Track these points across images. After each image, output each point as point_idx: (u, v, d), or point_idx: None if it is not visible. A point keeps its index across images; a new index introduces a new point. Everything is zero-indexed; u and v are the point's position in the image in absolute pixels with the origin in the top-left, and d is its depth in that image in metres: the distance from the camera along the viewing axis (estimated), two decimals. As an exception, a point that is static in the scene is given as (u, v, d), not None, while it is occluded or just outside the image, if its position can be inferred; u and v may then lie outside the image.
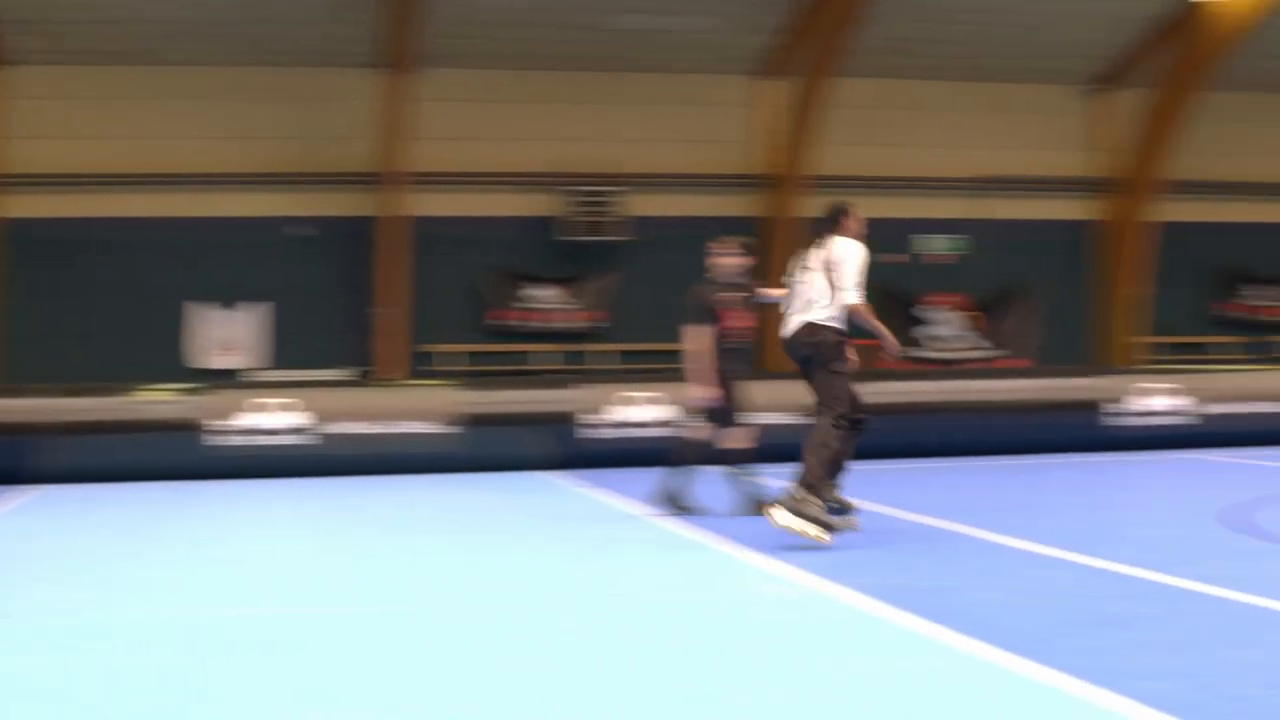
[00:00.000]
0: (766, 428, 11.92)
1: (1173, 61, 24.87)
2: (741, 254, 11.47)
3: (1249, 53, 24.57)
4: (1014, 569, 8.29)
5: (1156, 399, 16.88)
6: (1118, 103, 26.31)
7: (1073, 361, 24.92)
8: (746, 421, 11.07)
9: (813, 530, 8.98)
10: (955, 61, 24.85)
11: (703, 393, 10.92)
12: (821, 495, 9.27)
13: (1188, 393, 16.85)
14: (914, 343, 24.86)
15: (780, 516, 9.07)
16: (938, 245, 25.56)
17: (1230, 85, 25.62)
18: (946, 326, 25.10)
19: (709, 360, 10.90)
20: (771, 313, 12.26)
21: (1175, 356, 25.18)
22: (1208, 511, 10.65)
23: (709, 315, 11.04)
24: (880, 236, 26.30)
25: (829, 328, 9.82)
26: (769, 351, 19.64)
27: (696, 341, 10.98)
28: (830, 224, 10.22)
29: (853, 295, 9.74)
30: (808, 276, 9.98)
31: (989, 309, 25.19)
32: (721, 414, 11.00)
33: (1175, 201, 26.35)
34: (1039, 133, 26.23)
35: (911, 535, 9.87)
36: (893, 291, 23.96)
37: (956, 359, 24.71)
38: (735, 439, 11.01)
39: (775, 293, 11.61)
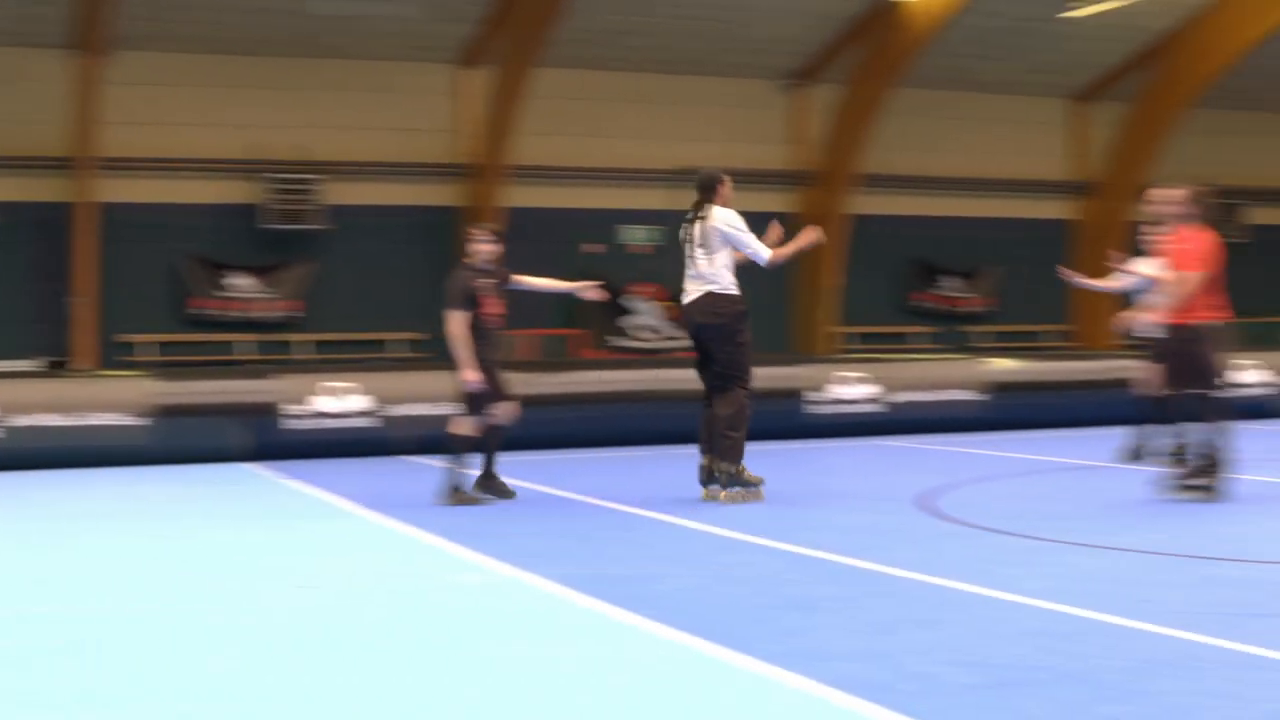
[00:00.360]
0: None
1: (866, 58, 25.63)
2: (496, 240, 11.50)
3: (938, 51, 25.45)
4: (712, 555, 8.40)
5: (850, 387, 17.31)
6: (815, 98, 26.99)
7: (778, 351, 25.49)
8: (506, 406, 11.17)
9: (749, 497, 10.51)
10: (657, 54, 25.14)
11: (467, 377, 10.91)
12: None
13: (877, 381, 17.31)
14: (620, 332, 25.09)
15: (728, 497, 10.57)
16: (637, 236, 25.81)
17: (920, 82, 26.51)
18: (648, 316, 25.36)
19: (469, 346, 10.92)
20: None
21: (872, 346, 25.97)
22: (899, 496, 10.96)
23: (469, 301, 11.06)
24: (583, 227, 26.65)
25: (727, 297, 10.87)
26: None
27: (456, 327, 10.97)
28: (707, 193, 10.99)
29: (763, 249, 10.94)
30: (696, 250, 10.81)
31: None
32: (481, 399, 11.03)
33: (870, 195, 27.17)
34: (740, 126, 26.73)
35: (612, 523, 9.93)
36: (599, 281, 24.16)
37: (656, 349, 25.01)
38: (465, 427, 11.04)
39: (535, 281, 11.88)
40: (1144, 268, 13.05)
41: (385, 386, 15.82)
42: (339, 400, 15.50)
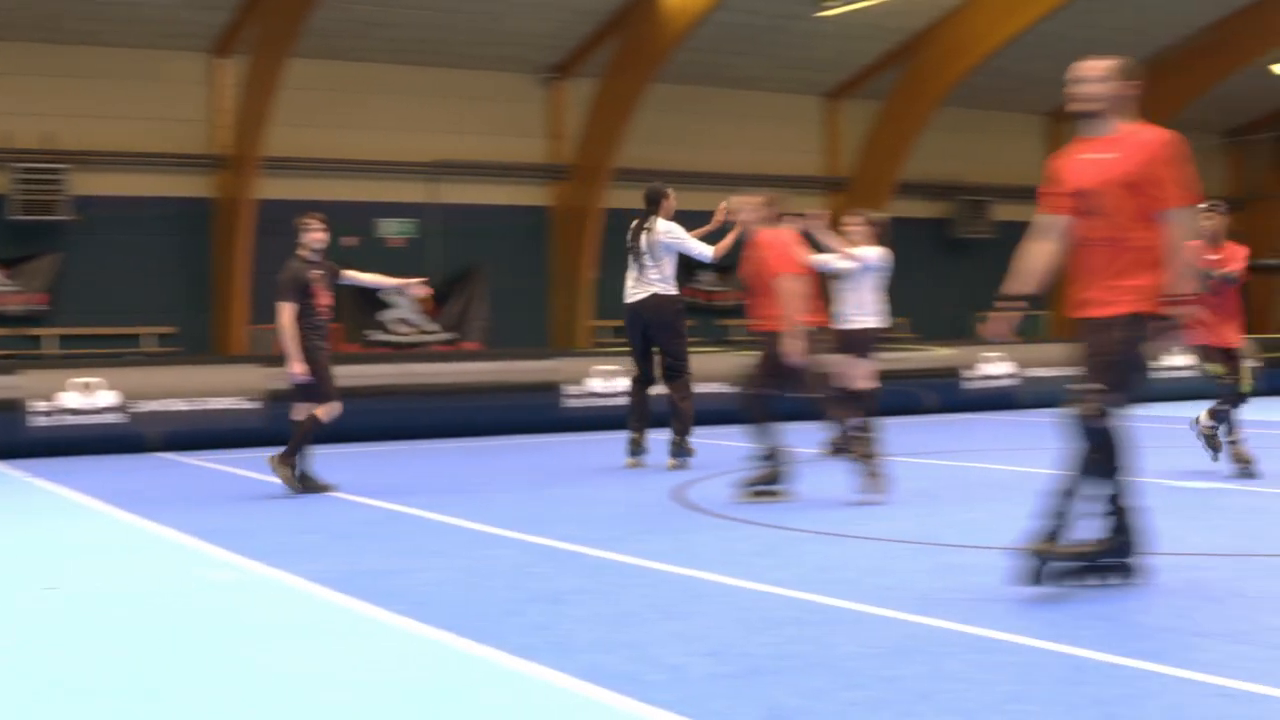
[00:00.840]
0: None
1: (623, 53, 25.73)
2: (326, 229, 11.41)
3: (694, 47, 25.66)
4: (464, 549, 8.35)
5: (608, 381, 17.38)
6: (572, 92, 27.02)
7: (538, 344, 25.49)
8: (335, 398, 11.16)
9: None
10: (413, 46, 24.88)
11: (295, 369, 10.91)
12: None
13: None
14: (378, 326, 24.83)
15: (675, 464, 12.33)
16: (394, 229, 25.57)
17: (677, 78, 26.71)
18: (405, 310, 25.14)
19: (297, 338, 10.89)
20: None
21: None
22: (654, 488, 11.03)
23: (301, 292, 11.00)
24: (339, 219, 26.20)
25: (670, 297, 12.76)
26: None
27: (286, 319, 10.92)
28: (652, 206, 13.06)
29: (705, 249, 12.84)
30: (645, 259, 12.66)
31: (442, 293, 25.29)
32: (311, 390, 11.01)
33: (627, 188, 27.29)
34: (498, 119, 26.62)
35: (365, 518, 9.81)
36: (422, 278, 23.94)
37: (413, 343, 24.82)
38: (327, 413, 11.08)
39: (363, 277, 11.96)
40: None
41: (134, 382, 15.43)
42: (87, 396, 15.07)
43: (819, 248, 12.85)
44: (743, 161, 29.06)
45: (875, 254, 12.87)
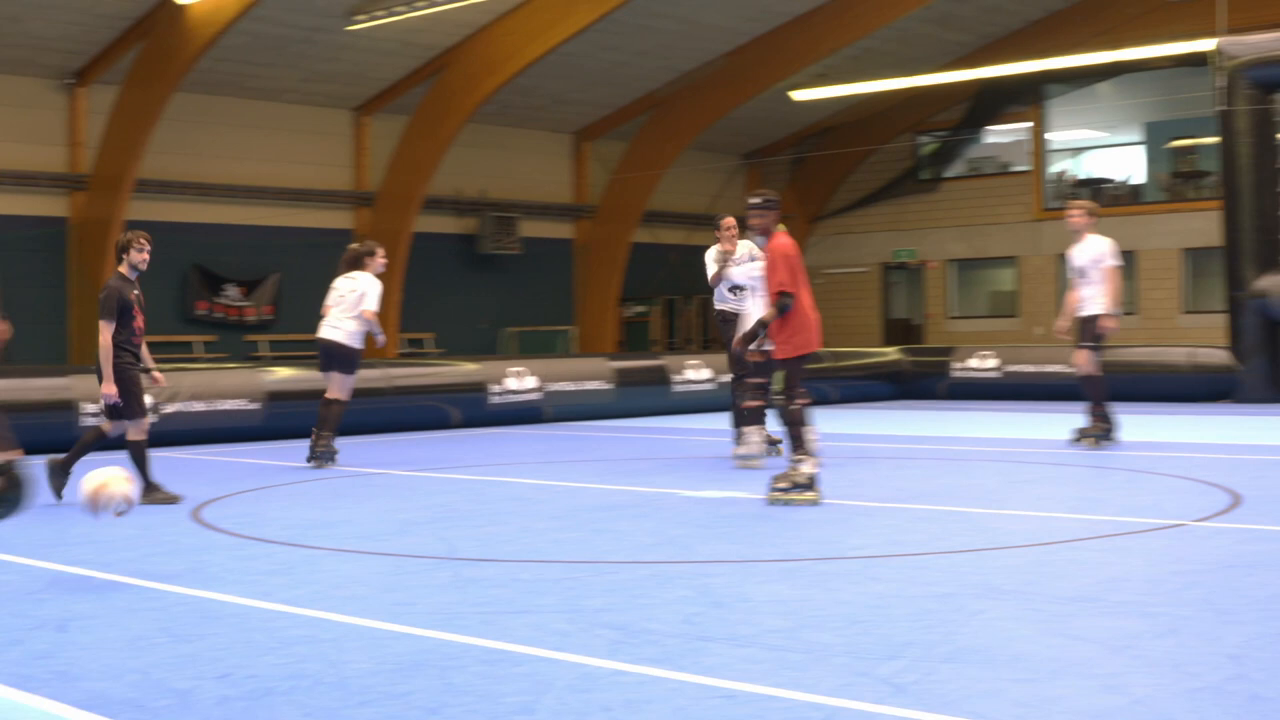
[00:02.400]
0: None
1: (146, 60, 24.96)
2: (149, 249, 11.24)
3: (222, 56, 25.15)
4: (-38, 576, 7.88)
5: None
6: (93, 99, 26.06)
7: (57, 360, 24.43)
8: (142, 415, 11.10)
9: None
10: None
11: (108, 390, 10.84)
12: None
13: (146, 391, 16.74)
14: None
15: None
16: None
17: (203, 87, 26.12)
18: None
19: (111, 359, 10.83)
20: None
21: (157, 356, 25.15)
22: (171, 508, 10.69)
23: (124, 312, 10.91)
24: None
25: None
26: None
27: (106, 338, 10.83)
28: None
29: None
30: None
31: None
32: (124, 409, 10.97)
33: (149, 200, 26.49)
34: (19, 126, 25.46)
35: None
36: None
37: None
38: (141, 431, 11.06)
39: None
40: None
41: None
42: None
43: None
44: (270, 174, 28.68)
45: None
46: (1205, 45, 23.04)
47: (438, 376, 19.50)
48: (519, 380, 19.59)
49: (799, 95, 31.37)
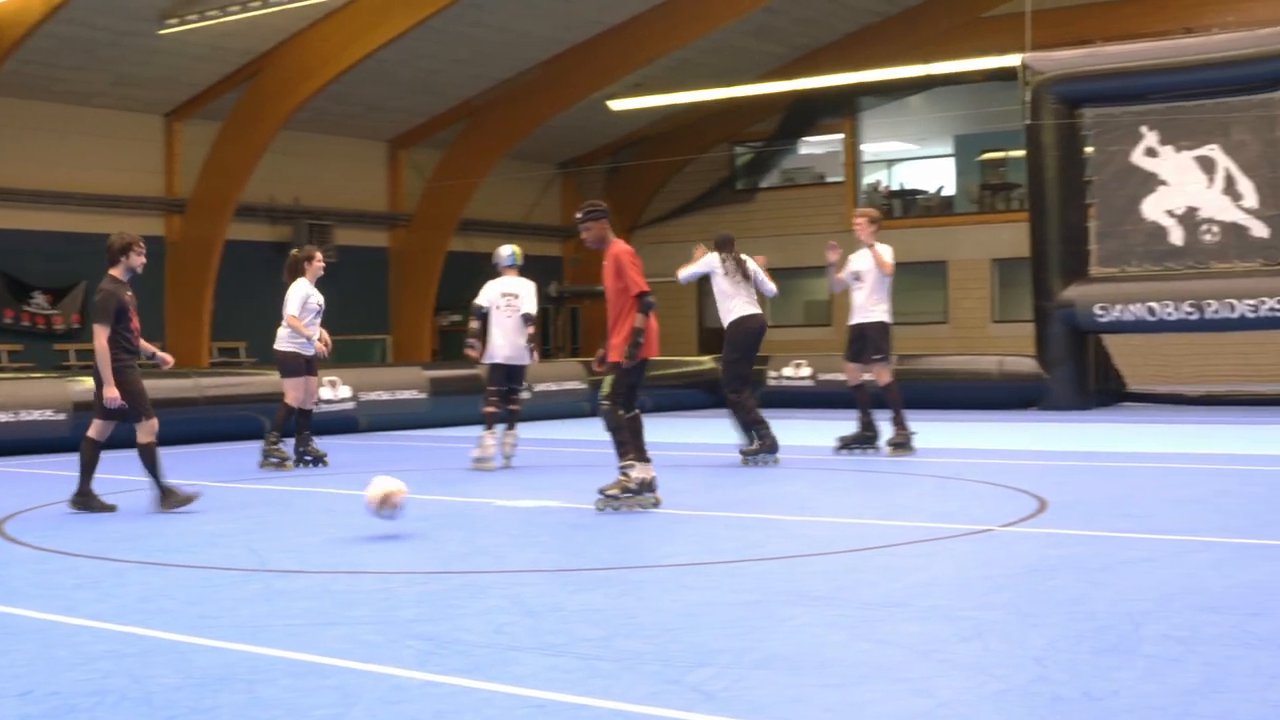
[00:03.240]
0: None
1: (-54, 62, 24.29)
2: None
3: (28, 59, 24.55)
4: None
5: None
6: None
7: None
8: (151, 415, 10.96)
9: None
10: None
11: (110, 395, 10.72)
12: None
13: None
14: None
15: None
16: None
17: (6, 91, 25.47)
18: None
19: (110, 363, 10.71)
20: None
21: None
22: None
23: (120, 315, 10.81)
24: None
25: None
26: None
27: (104, 342, 10.72)
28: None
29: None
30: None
31: None
32: (129, 412, 10.89)
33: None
34: None
35: None
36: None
37: None
38: (149, 432, 10.88)
39: None
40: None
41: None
42: None
43: None
44: (78, 180, 28.08)
45: None
46: (1014, 60, 23.59)
47: (250, 386, 19.22)
48: (333, 390, 19.39)
49: (616, 105, 31.51)
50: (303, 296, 14.54)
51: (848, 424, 15.76)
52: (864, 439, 15.08)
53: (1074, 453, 14.73)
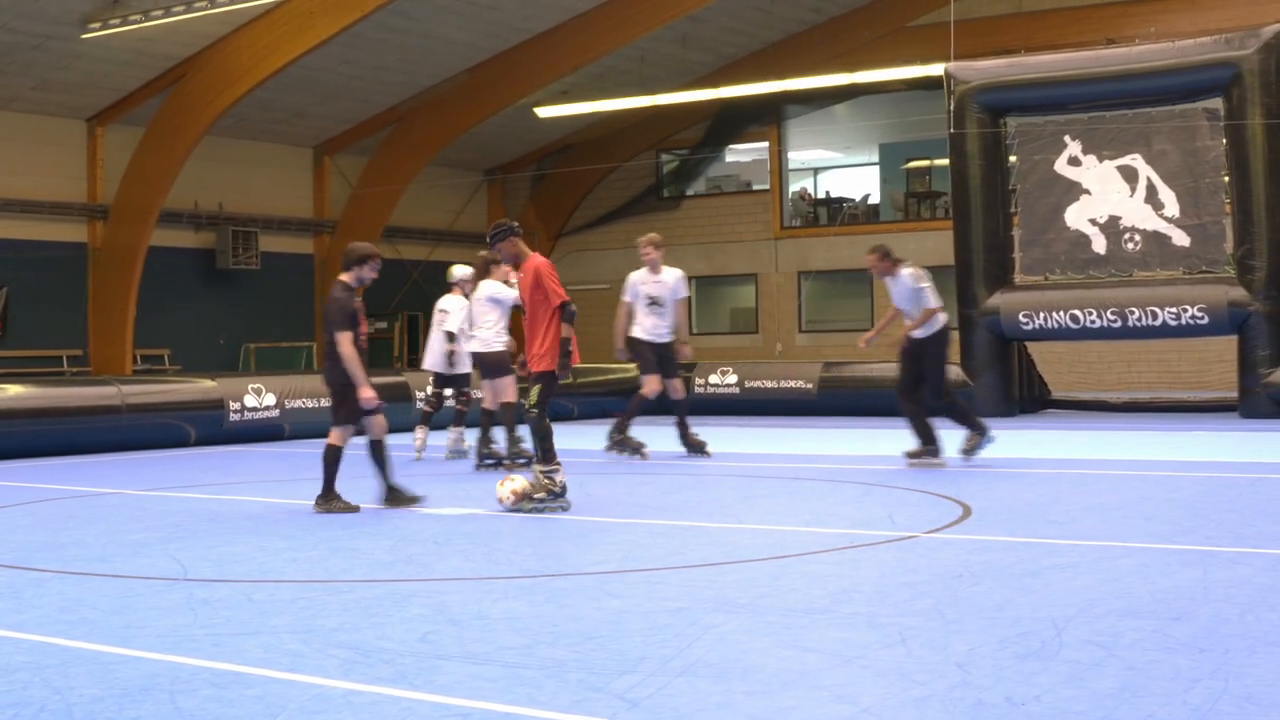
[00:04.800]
0: None
1: None
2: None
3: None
4: None
5: None
6: None
7: None
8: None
9: None
10: None
11: (366, 395, 11.07)
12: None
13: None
14: None
15: None
16: None
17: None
18: None
19: (360, 364, 11.06)
20: None
21: None
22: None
23: (352, 321, 11.12)
24: None
25: None
26: None
27: (348, 347, 11.03)
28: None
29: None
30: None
31: None
32: (347, 413, 11.26)
33: None
34: None
35: None
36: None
37: None
38: (381, 428, 11.32)
39: None
40: None
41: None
42: None
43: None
44: (-3, 185, 27.72)
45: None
46: (937, 70, 23.77)
47: (174, 394, 19.07)
48: (258, 397, 19.26)
49: (543, 112, 31.48)
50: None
51: (772, 431, 15.81)
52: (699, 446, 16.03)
53: (998, 459, 14.86)
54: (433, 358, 16.35)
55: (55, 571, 8.31)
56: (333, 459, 11.22)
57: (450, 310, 16.08)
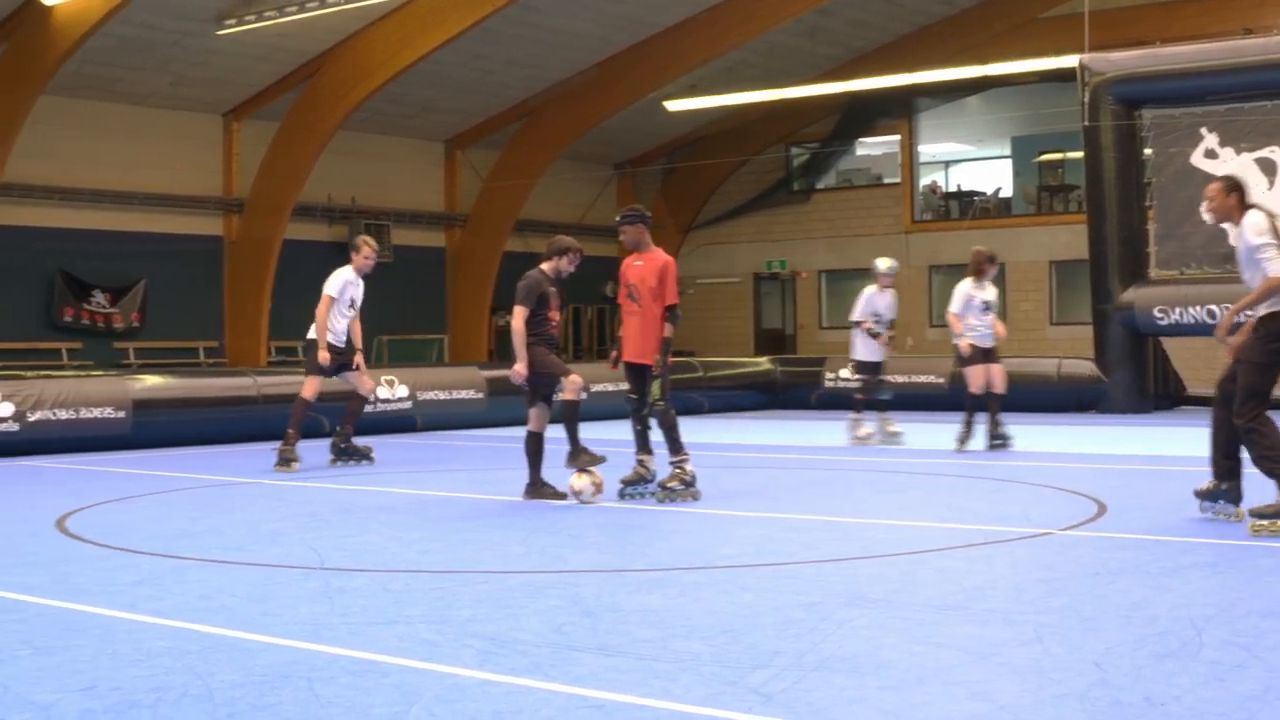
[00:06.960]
0: None
1: (9, 62, 24.48)
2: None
3: (87, 59, 24.74)
4: None
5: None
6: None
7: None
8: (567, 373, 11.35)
9: None
10: None
11: (518, 369, 11.23)
12: None
13: (9, 399, 16.37)
14: None
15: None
16: None
17: (67, 90, 25.67)
18: None
19: (525, 339, 11.17)
20: None
21: (20, 364, 24.59)
22: (32, 519, 10.49)
23: (539, 301, 11.32)
24: None
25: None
26: None
27: (519, 321, 11.25)
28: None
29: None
30: None
31: None
32: (538, 387, 11.38)
33: (10, 204, 26.00)
34: None
35: None
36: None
37: None
38: (573, 390, 11.29)
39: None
40: None
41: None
42: None
43: None
44: (137, 179, 28.28)
45: None
46: (1071, 62, 23.44)
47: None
48: (390, 389, 19.45)
49: (672, 105, 31.49)
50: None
51: (904, 426, 15.70)
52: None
53: (1133, 456, 14.63)
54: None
55: (194, 559, 8.45)
56: (534, 447, 11.38)
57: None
